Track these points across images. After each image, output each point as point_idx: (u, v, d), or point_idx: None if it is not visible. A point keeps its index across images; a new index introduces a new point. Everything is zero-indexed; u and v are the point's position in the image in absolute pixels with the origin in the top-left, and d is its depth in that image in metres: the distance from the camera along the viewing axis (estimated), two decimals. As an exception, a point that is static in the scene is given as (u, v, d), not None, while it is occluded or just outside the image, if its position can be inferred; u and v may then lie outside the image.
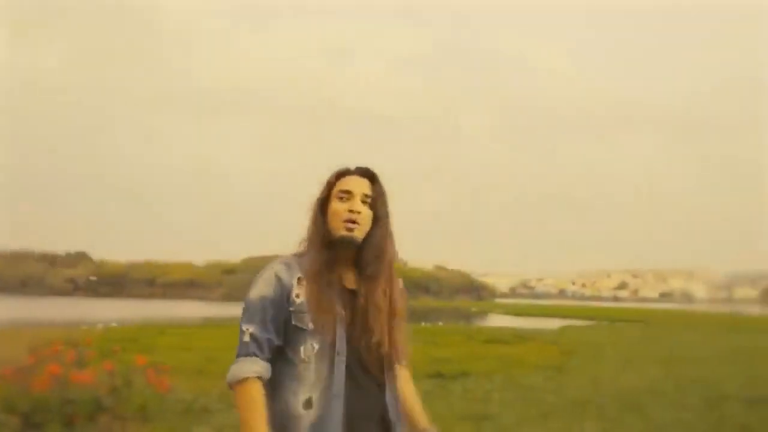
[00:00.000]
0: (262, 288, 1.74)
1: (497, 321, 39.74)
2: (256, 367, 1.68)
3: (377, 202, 1.80)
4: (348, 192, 1.79)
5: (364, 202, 1.78)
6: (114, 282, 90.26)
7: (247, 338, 1.70)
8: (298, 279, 1.75)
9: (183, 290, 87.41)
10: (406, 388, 1.90)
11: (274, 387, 1.71)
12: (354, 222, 1.75)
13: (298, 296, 1.72)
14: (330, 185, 1.83)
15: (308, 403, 1.66)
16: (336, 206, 1.78)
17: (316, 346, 1.69)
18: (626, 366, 12.33)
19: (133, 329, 19.99)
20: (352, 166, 1.87)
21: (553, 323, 33.18)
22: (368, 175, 1.85)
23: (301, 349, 1.69)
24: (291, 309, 1.72)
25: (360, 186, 1.80)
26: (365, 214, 1.77)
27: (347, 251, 1.77)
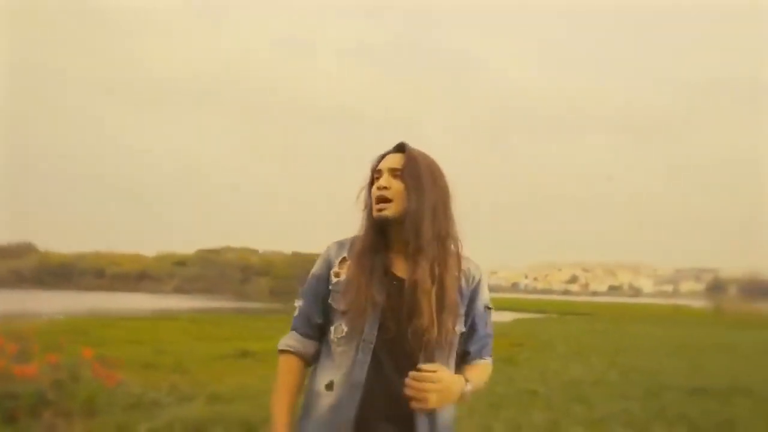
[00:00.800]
0: (316, 265, 1.78)
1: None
2: (290, 341, 1.74)
3: (404, 172, 1.68)
4: (378, 171, 1.72)
5: (394, 176, 1.69)
6: (61, 273, 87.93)
7: (296, 313, 1.77)
8: (342, 258, 1.73)
9: (133, 282, 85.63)
10: (476, 366, 1.78)
11: (316, 362, 1.73)
12: (382, 200, 1.67)
13: (337, 275, 1.71)
14: (372, 170, 1.75)
15: (330, 385, 1.65)
16: (373, 188, 1.71)
17: (345, 329, 1.66)
18: (574, 358, 12.63)
19: (80, 321, 19.49)
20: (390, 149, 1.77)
21: (506, 316, 33.71)
22: (400, 148, 1.74)
23: (332, 329, 1.69)
24: (330, 288, 1.71)
25: (389, 161, 1.71)
26: (395, 188, 1.67)
27: (400, 235, 1.68)
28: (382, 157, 1.75)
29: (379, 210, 1.67)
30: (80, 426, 5.24)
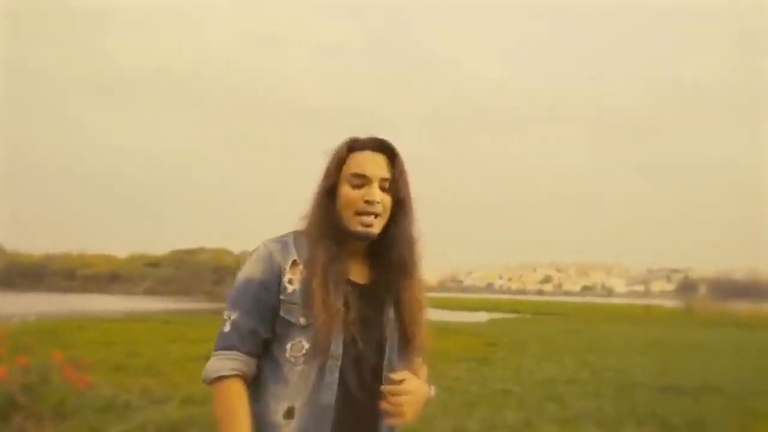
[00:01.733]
0: (251, 268, 1.45)
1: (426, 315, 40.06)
2: (234, 363, 1.41)
3: (398, 183, 1.46)
4: (362, 177, 1.44)
5: (382, 187, 1.45)
6: (31, 274, 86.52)
7: (227, 328, 1.44)
8: (293, 262, 1.43)
9: (105, 284, 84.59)
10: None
11: (257, 385, 1.44)
12: (371, 215, 1.42)
13: (290, 282, 1.42)
14: (340, 161, 1.47)
15: (289, 413, 1.39)
16: (348, 193, 1.44)
17: (306, 346, 1.39)
18: (547, 357, 12.73)
19: (51, 323, 19.17)
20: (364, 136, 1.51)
21: (481, 316, 33.89)
22: (385, 150, 1.48)
23: (288, 346, 1.41)
24: (281, 297, 1.42)
25: (376, 168, 1.45)
26: (385, 203, 1.44)
27: (367, 246, 1.49)
28: (351, 148, 1.49)
29: (367, 225, 1.43)
30: (51, 429, 5.17)
